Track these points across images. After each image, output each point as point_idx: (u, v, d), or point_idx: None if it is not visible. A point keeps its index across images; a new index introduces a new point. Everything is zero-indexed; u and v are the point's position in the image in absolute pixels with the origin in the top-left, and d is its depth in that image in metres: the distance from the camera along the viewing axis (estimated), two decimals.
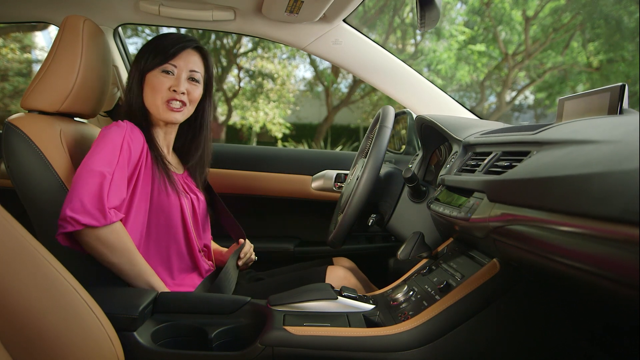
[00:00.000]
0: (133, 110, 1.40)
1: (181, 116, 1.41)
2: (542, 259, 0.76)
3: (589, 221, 0.61)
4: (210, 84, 1.50)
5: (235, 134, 14.00)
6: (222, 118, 12.95)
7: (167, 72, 1.37)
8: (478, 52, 11.06)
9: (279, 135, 12.71)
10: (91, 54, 1.35)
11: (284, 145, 12.29)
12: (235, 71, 12.61)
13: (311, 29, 1.76)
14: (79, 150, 1.33)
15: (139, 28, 10.55)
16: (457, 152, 1.32)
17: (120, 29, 1.88)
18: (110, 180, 1.19)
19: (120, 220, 1.23)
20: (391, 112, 1.43)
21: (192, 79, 1.41)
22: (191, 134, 1.54)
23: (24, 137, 1.20)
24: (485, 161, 1.08)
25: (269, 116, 12.55)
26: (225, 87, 12.70)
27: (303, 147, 11.62)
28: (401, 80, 1.84)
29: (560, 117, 1.24)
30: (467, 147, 1.29)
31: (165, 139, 1.48)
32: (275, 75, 12.18)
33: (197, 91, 1.43)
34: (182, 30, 1.97)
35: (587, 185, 0.62)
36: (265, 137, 13.46)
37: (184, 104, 1.39)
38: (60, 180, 1.20)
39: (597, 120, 0.88)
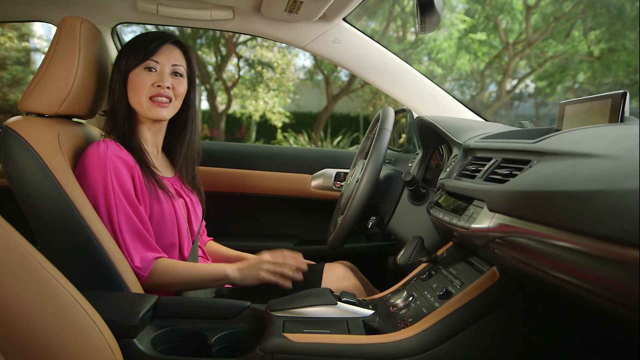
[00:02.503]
0: (116, 112, 1.39)
1: (167, 112, 1.40)
2: (541, 272, 0.76)
3: (589, 240, 0.60)
4: (193, 78, 1.48)
5: (235, 123, 13.97)
6: (221, 107, 12.92)
7: (150, 69, 1.37)
8: (479, 40, 11.00)
9: (279, 125, 12.68)
10: (89, 55, 1.33)
11: (284, 136, 12.27)
12: (234, 60, 12.56)
13: (311, 28, 1.75)
14: (77, 154, 1.33)
15: None
16: (457, 155, 1.32)
17: (118, 27, 1.87)
18: (121, 233, 1.27)
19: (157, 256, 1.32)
20: (391, 113, 1.43)
21: (175, 73, 1.40)
22: (177, 130, 1.52)
23: (21, 141, 1.19)
24: (486, 167, 1.08)
25: (268, 105, 12.52)
26: (224, 76, 12.65)
27: (303, 137, 11.61)
28: (401, 79, 1.83)
29: (561, 120, 1.24)
30: (467, 151, 1.28)
31: (154, 140, 1.47)
32: (275, 64, 12.14)
33: (182, 86, 1.42)
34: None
35: (588, 203, 0.61)
36: (265, 126, 13.44)
37: (169, 99, 1.38)
38: (59, 185, 1.19)
39: (598, 130, 0.88)
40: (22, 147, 1.19)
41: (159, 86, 1.36)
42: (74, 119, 1.44)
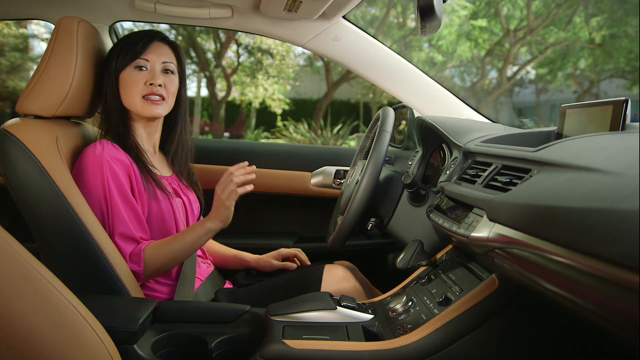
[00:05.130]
0: (110, 114, 1.39)
1: (162, 109, 1.39)
2: (540, 287, 0.76)
3: (588, 259, 0.60)
4: (183, 75, 1.48)
5: (235, 110, 13.94)
6: (221, 94, 12.90)
7: (141, 68, 1.36)
8: (479, 27, 10.94)
9: (279, 111, 12.66)
10: (86, 55, 1.32)
11: (284, 125, 12.25)
12: (233, 47, 12.51)
13: (310, 26, 1.73)
14: (76, 156, 1.32)
15: None
16: (457, 158, 1.31)
17: (116, 25, 1.86)
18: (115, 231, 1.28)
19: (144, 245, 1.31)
20: (391, 115, 1.42)
21: (166, 71, 1.40)
22: (168, 128, 1.52)
23: (19, 144, 1.19)
24: (486, 173, 1.08)
25: (268, 92, 12.49)
26: (224, 63, 12.61)
27: (303, 126, 11.58)
28: (401, 76, 1.82)
29: (562, 123, 1.24)
30: (467, 154, 1.28)
31: (150, 139, 1.47)
32: (274, 51, 12.09)
33: (174, 83, 1.42)
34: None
35: (587, 221, 0.61)
36: (264, 113, 13.42)
37: (162, 97, 1.38)
38: (58, 189, 1.19)
39: (598, 139, 0.87)
40: (20, 150, 1.18)
41: (151, 84, 1.35)
42: (72, 119, 1.43)
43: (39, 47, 11.92)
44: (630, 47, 10.35)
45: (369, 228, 1.51)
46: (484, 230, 0.92)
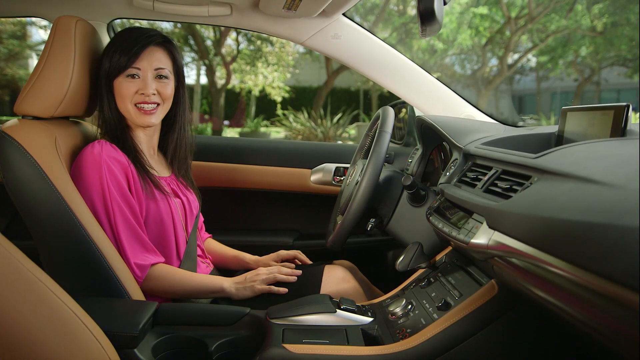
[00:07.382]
0: (107, 118, 1.38)
1: (156, 118, 1.38)
2: (539, 297, 0.76)
3: (587, 274, 0.60)
4: (181, 74, 1.46)
5: (234, 98, 13.91)
6: (221, 82, 12.86)
7: (132, 76, 1.34)
8: (480, 15, 10.88)
9: (279, 99, 12.63)
10: (85, 55, 1.32)
11: (284, 114, 12.21)
12: (233, 34, 12.45)
13: (310, 23, 1.72)
14: (75, 155, 1.32)
15: None
16: (457, 159, 1.31)
17: (115, 22, 1.84)
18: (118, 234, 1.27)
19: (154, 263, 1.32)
20: (391, 114, 1.42)
21: (160, 77, 1.37)
22: (167, 126, 1.51)
23: (18, 146, 1.18)
24: (486, 177, 1.07)
25: (268, 80, 12.46)
26: (223, 50, 12.55)
27: (303, 115, 11.55)
28: (402, 74, 1.80)
29: (563, 124, 1.23)
30: (468, 156, 1.27)
31: (149, 141, 1.46)
32: (274, 39, 12.03)
33: (168, 88, 1.39)
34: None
35: (588, 236, 0.61)
36: (264, 101, 13.39)
37: (156, 104, 1.37)
38: (57, 191, 1.19)
39: (599, 147, 0.87)
40: (19, 152, 1.18)
41: (142, 94, 1.34)
42: (71, 119, 1.42)
43: (37, 35, 11.87)
44: (632, 34, 10.30)
45: (368, 229, 1.51)
46: (483, 237, 0.92)
